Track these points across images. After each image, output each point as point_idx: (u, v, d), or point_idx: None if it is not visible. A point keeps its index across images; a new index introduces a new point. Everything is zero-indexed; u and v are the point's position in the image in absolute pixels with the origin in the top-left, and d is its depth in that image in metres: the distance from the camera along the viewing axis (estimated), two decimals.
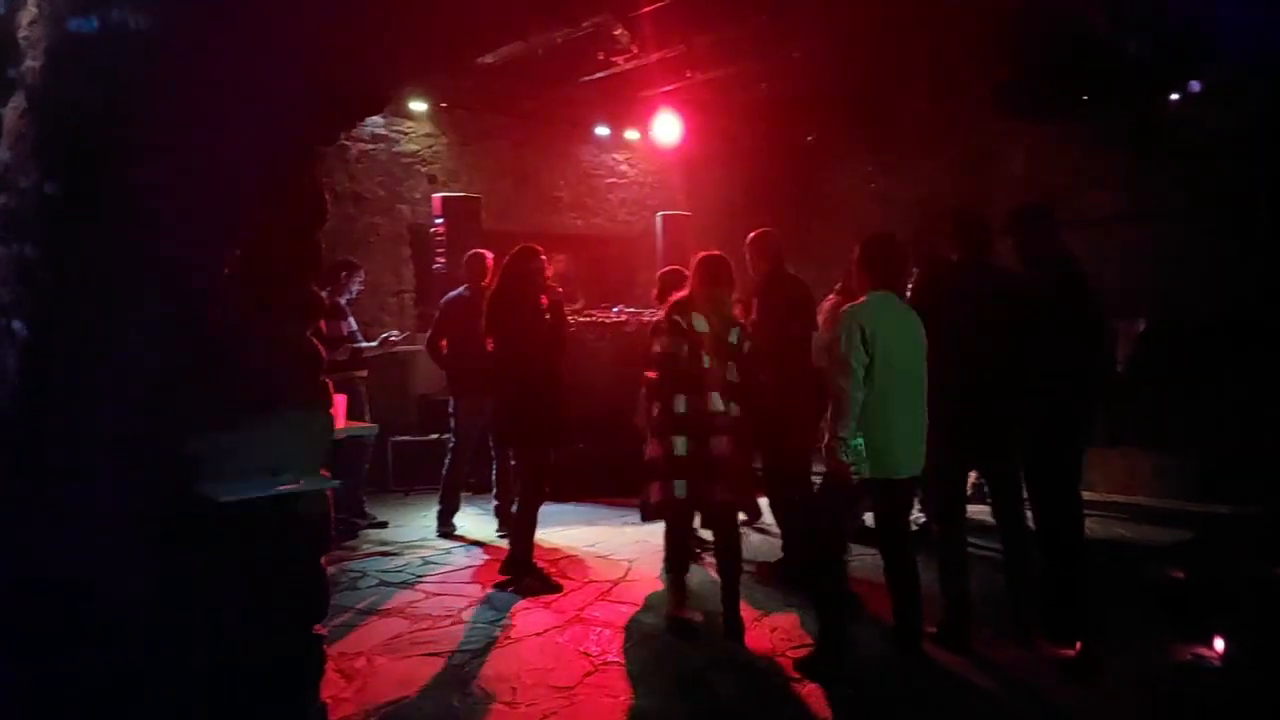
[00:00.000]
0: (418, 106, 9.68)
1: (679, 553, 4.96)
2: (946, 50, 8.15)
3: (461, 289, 6.97)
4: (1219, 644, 4.42)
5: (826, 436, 4.23)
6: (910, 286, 6.35)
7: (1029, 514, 4.62)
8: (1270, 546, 5.62)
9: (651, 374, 4.78)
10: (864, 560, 5.34)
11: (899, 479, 4.28)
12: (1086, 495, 7.13)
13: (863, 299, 4.31)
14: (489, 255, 6.90)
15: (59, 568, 2.89)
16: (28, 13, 2.87)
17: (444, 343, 6.90)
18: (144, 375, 2.99)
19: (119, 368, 2.96)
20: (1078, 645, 4.40)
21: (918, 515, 6.62)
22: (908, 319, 4.32)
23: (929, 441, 4.39)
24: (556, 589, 5.45)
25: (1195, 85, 8.24)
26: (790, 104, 10.05)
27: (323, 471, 3.47)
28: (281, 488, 3.22)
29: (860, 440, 4.12)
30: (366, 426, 6.73)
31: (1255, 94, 8.15)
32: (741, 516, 5.42)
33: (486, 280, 6.65)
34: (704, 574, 5.63)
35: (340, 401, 5.28)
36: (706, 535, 5.36)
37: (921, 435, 4.28)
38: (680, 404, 4.62)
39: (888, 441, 4.18)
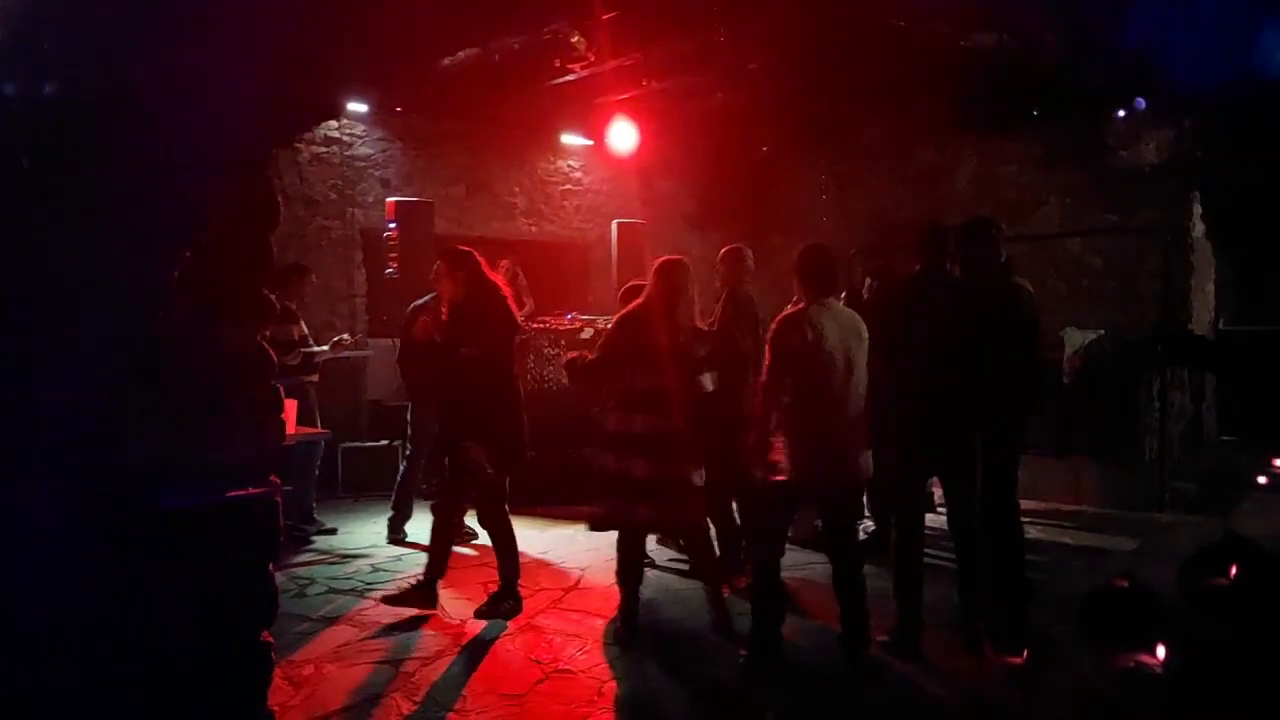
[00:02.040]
0: (371, 110, 9.60)
1: (628, 565, 4.95)
2: (901, 65, 8.26)
3: (427, 297, 6.91)
4: (1160, 652, 4.51)
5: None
6: (864, 294, 6.41)
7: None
8: (1211, 556, 5.75)
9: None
10: (814, 567, 5.40)
11: (835, 485, 4.37)
12: (1035, 504, 7.30)
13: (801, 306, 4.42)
14: None
15: None
16: None
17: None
18: (88, 379, 2.93)
19: (62, 370, 2.89)
20: (1024, 653, 4.48)
21: (867, 523, 6.70)
22: (847, 326, 4.41)
23: (889, 450, 4.48)
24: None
25: (1141, 103, 8.45)
26: (747, 115, 10.12)
27: (272, 477, 3.42)
28: (228, 494, 3.17)
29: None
30: (317, 432, 6.66)
31: (1191, 119, 8.43)
32: None
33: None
34: (660, 582, 5.66)
35: (290, 406, 5.21)
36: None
37: (856, 442, 4.37)
38: (611, 420, 4.80)
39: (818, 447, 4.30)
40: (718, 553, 5.31)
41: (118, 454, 3.00)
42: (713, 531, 5.35)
